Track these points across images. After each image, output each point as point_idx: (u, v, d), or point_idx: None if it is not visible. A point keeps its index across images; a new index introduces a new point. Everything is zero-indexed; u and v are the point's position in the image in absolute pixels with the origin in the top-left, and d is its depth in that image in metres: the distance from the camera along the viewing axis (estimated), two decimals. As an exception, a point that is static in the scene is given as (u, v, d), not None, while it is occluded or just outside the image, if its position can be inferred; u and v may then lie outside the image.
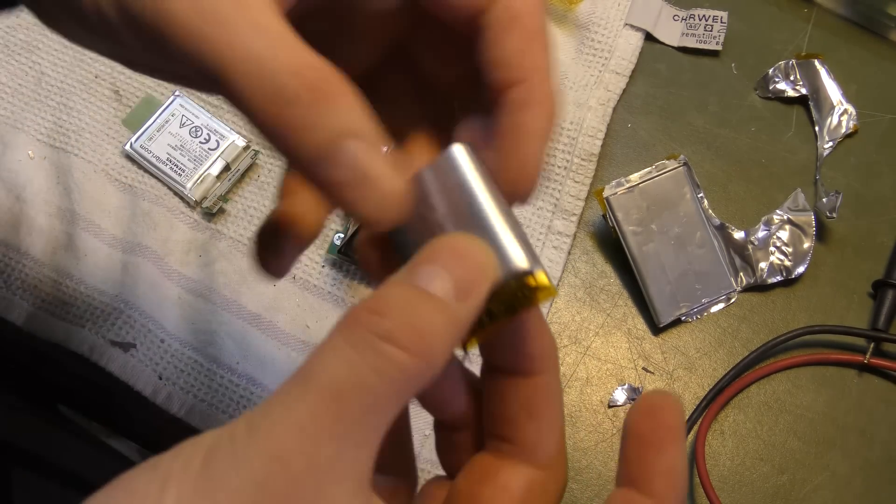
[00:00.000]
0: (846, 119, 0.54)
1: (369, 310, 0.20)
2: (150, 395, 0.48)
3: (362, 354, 0.20)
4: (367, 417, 0.20)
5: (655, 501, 0.24)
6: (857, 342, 0.50)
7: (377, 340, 0.20)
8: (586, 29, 0.55)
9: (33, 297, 0.50)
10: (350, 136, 0.21)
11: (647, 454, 0.24)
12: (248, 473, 0.19)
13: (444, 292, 0.21)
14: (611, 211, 0.50)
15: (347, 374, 0.20)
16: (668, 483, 0.24)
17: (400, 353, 0.20)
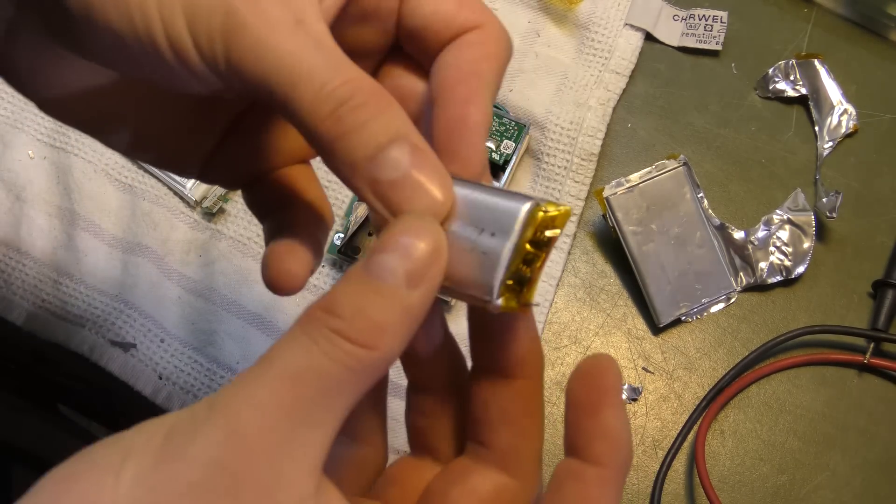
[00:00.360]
0: (846, 119, 0.54)
1: (323, 308, 0.22)
2: (150, 394, 0.48)
3: (319, 344, 0.21)
4: (324, 401, 0.21)
5: (598, 467, 0.24)
6: (857, 342, 0.50)
7: (332, 335, 0.21)
8: (586, 29, 0.55)
9: (33, 297, 0.50)
10: (401, 140, 0.22)
11: (584, 419, 0.24)
12: (206, 447, 0.20)
13: (395, 281, 0.22)
14: (611, 211, 0.50)
15: (306, 360, 0.21)
16: (608, 446, 0.24)
17: (353, 348, 0.21)
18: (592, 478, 0.24)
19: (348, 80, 0.22)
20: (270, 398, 0.21)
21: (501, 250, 0.23)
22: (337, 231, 0.51)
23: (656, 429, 0.49)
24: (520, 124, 0.51)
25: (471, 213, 0.23)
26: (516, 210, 0.23)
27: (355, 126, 0.22)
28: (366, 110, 0.22)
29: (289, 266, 0.28)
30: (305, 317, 0.22)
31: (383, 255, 0.22)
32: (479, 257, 0.23)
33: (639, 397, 0.49)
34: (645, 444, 0.49)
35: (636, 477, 0.48)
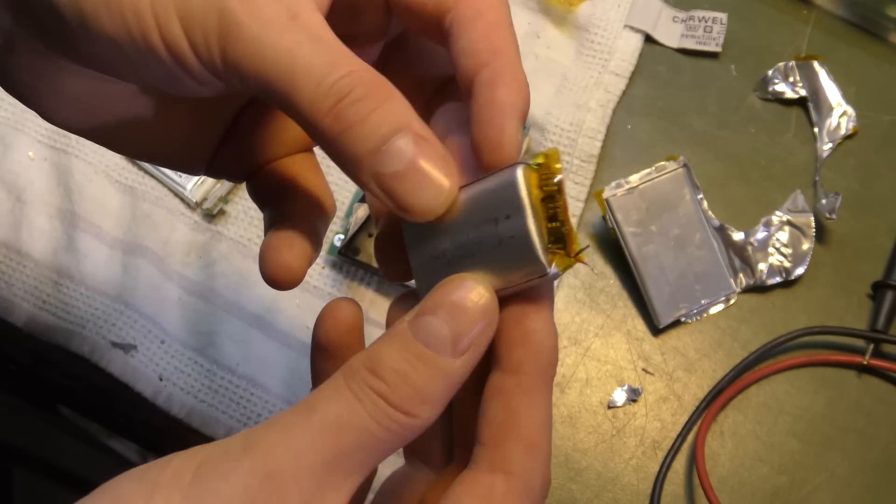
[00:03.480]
0: (845, 120, 0.54)
1: (367, 367, 0.22)
2: (150, 396, 0.48)
3: (363, 403, 0.21)
4: (360, 455, 0.21)
5: (518, 375, 0.24)
6: (857, 343, 0.50)
7: (376, 398, 0.21)
8: (586, 30, 0.55)
9: (34, 299, 0.50)
10: (403, 130, 0.22)
11: (508, 329, 0.24)
12: (240, 487, 0.20)
13: (443, 349, 0.22)
14: (610, 212, 0.50)
15: (348, 415, 0.21)
16: (526, 352, 0.24)
17: (396, 413, 0.21)
18: (514, 388, 0.24)
19: (347, 74, 0.22)
20: (310, 446, 0.21)
21: (524, 224, 0.23)
22: (337, 233, 0.51)
23: (656, 430, 0.49)
24: None
25: (479, 210, 0.23)
26: (512, 181, 0.23)
27: (356, 120, 0.22)
28: (366, 103, 0.22)
29: (286, 259, 0.27)
30: (350, 370, 0.22)
31: (433, 317, 0.22)
32: (511, 244, 0.23)
33: (638, 398, 0.49)
34: (645, 444, 0.49)
35: (636, 478, 0.48)
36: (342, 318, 0.27)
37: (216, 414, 0.48)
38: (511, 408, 0.24)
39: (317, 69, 0.22)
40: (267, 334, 0.50)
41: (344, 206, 0.52)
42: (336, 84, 0.22)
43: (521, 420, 0.24)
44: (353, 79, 0.22)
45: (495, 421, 0.24)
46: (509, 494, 0.23)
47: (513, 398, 0.24)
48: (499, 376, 0.24)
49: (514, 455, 0.23)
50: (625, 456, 0.48)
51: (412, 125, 0.22)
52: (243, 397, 0.49)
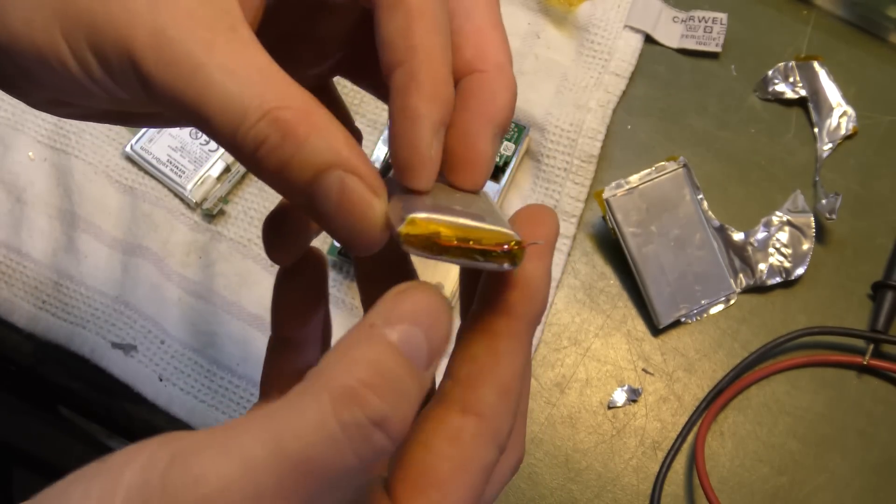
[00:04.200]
0: (845, 121, 0.54)
1: (363, 382, 0.18)
2: (150, 396, 0.48)
3: (352, 439, 0.18)
4: (330, 492, 0.18)
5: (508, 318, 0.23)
6: (857, 343, 0.50)
7: (371, 427, 0.18)
8: (586, 31, 0.55)
9: (34, 299, 0.50)
10: (330, 169, 0.21)
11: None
12: None
13: (420, 363, 0.19)
14: (610, 212, 0.50)
15: (328, 453, 0.18)
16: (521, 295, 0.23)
17: (386, 440, 0.18)
18: (502, 329, 0.23)
19: (263, 116, 0.20)
20: (276, 485, 0.17)
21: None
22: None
23: (656, 430, 0.49)
24: (519, 126, 0.51)
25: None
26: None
27: (278, 166, 0.21)
28: (285, 149, 0.20)
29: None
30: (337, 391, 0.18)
31: (414, 328, 0.19)
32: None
33: (638, 398, 0.49)
34: (645, 445, 0.49)
35: (636, 478, 0.48)
36: None
37: (216, 414, 0.48)
38: (495, 349, 0.22)
39: (231, 113, 0.20)
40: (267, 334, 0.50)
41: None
42: (250, 132, 0.20)
43: (503, 364, 0.22)
44: (266, 123, 0.20)
45: (476, 360, 0.23)
46: (478, 438, 0.22)
47: (499, 340, 0.23)
48: (486, 314, 0.23)
49: (488, 398, 0.22)
50: (625, 456, 0.48)
51: (338, 161, 0.21)
52: (243, 397, 0.49)
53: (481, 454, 0.22)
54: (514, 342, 0.23)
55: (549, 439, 0.49)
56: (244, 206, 0.52)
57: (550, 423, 0.49)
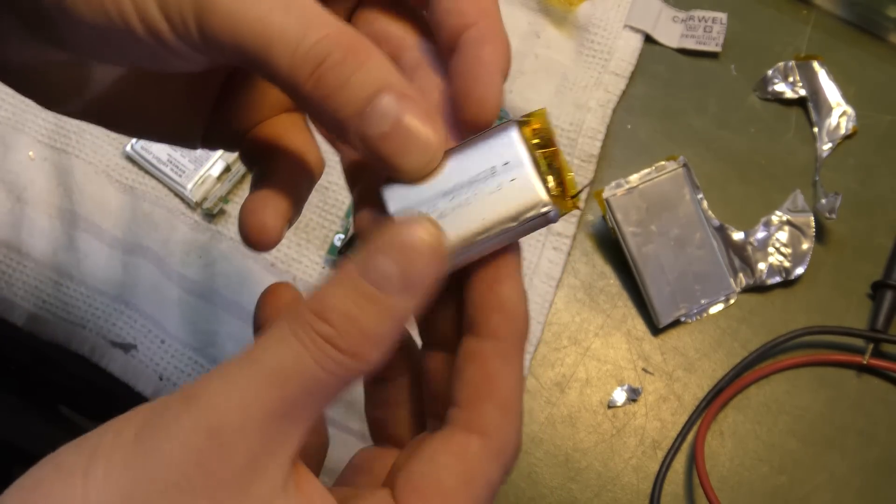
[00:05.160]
0: (845, 120, 0.54)
1: (314, 310, 0.21)
2: (150, 395, 0.48)
3: (308, 348, 0.21)
4: (307, 401, 0.21)
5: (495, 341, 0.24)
6: (856, 343, 0.50)
7: (323, 343, 0.21)
8: (586, 30, 0.55)
9: (34, 298, 0.50)
10: (386, 90, 0.22)
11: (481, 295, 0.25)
12: (184, 445, 0.20)
13: (391, 289, 0.21)
14: (610, 212, 0.50)
15: (294, 363, 0.21)
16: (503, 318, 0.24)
17: (342, 357, 0.21)
18: (490, 352, 0.24)
19: (323, 37, 0.22)
20: (255, 398, 0.20)
21: (525, 166, 0.23)
22: (337, 232, 0.51)
23: (656, 429, 0.49)
24: None
25: (474, 162, 0.24)
26: (508, 132, 0.24)
27: (337, 84, 0.22)
28: (345, 66, 0.22)
29: (261, 218, 0.27)
30: (294, 315, 0.21)
31: (379, 257, 0.21)
32: (511, 186, 0.23)
33: (638, 398, 0.50)
34: (645, 444, 0.49)
35: (636, 477, 0.48)
36: (282, 299, 0.27)
37: (216, 414, 0.48)
38: (488, 371, 0.24)
39: (292, 35, 0.21)
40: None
41: (344, 205, 0.52)
42: (312, 49, 0.21)
43: (498, 383, 0.24)
44: (329, 42, 0.22)
45: (471, 383, 0.24)
46: (483, 453, 0.23)
47: (490, 362, 0.24)
48: (475, 341, 0.24)
49: (489, 416, 0.24)
50: (625, 455, 0.48)
51: (394, 84, 0.22)
52: (243, 397, 0.49)
53: (486, 469, 0.23)
54: (506, 362, 0.24)
55: (549, 438, 0.49)
56: (244, 205, 0.52)
57: (550, 422, 0.49)
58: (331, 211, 0.52)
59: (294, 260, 0.51)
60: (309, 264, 0.51)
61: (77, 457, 0.20)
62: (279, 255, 0.51)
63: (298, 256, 0.51)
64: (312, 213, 0.52)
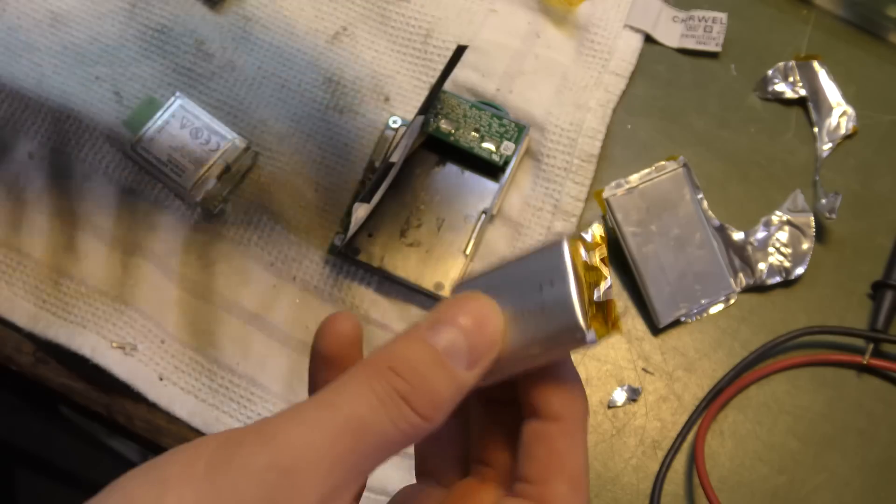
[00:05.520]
0: (845, 120, 0.54)
1: (390, 366, 0.22)
2: (150, 395, 0.48)
3: (385, 405, 0.22)
4: (375, 455, 0.22)
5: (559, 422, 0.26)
6: (857, 343, 0.50)
7: (400, 402, 0.22)
8: (586, 30, 0.55)
9: (34, 298, 0.50)
10: None
11: (538, 380, 0.26)
12: (258, 482, 0.20)
13: (458, 360, 0.23)
14: (610, 212, 0.50)
15: (369, 415, 0.22)
16: (564, 399, 0.26)
17: (414, 417, 0.22)
18: (556, 433, 0.25)
19: None
20: (330, 444, 0.21)
21: (567, 290, 0.24)
22: (338, 232, 0.51)
23: (656, 429, 0.49)
24: (520, 125, 0.51)
25: (522, 284, 0.24)
26: (558, 249, 0.24)
27: None
28: None
29: None
30: (373, 369, 0.23)
31: (451, 328, 0.23)
32: (553, 307, 0.24)
33: (638, 398, 0.50)
34: (645, 444, 0.49)
35: (636, 477, 0.48)
36: (342, 331, 0.27)
37: (216, 413, 0.48)
38: (555, 449, 0.25)
39: None
40: (267, 334, 0.50)
41: (344, 205, 0.52)
42: None
43: (567, 460, 0.25)
44: None
45: (541, 461, 0.25)
46: None
47: (556, 441, 0.25)
48: (540, 424, 0.26)
49: (560, 491, 0.25)
50: (625, 455, 0.48)
51: None
52: (243, 396, 0.49)
53: None
54: (572, 440, 0.26)
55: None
56: (244, 205, 0.52)
57: (550, 422, 0.49)
58: (331, 211, 0.52)
59: (294, 260, 0.51)
60: (309, 264, 0.51)
61: (146, 488, 0.20)
62: (279, 255, 0.51)
63: (298, 256, 0.51)
64: (312, 214, 0.52)
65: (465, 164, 0.51)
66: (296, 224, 0.52)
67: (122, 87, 0.54)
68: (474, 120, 0.51)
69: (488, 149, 0.51)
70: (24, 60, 0.55)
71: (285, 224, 0.52)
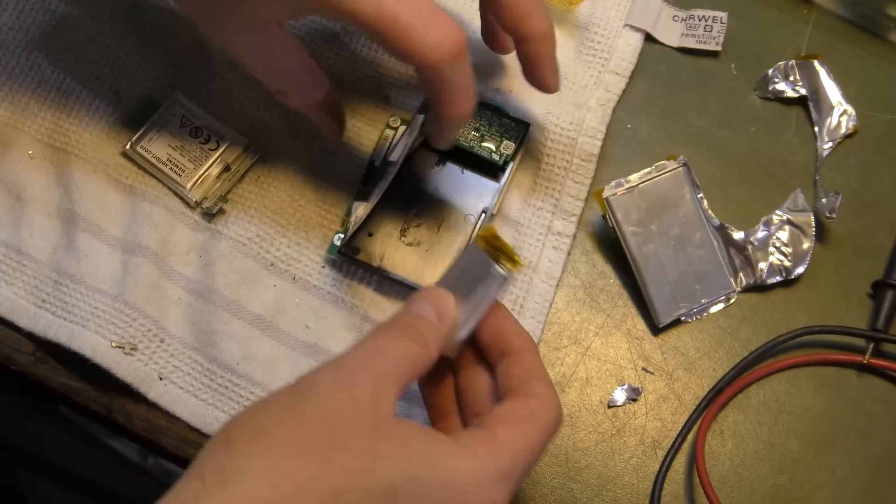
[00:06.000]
0: (846, 120, 0.54)
1: (395, 325, 0.36)
2: (150, 395, 0.48)
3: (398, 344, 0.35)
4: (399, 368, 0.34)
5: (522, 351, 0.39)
6: (857, 342, 0.50)
7: (406, 339, 0.35)
8: (586, 29, 0.55)
9: (34, 298, 0.50)
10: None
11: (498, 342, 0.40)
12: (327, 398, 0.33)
13: (430, 316, 0.37)
14: (610, 211, 0.50)
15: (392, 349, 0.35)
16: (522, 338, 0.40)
17: (415, 346, 0.35)
18: (524, 357, 0.38)
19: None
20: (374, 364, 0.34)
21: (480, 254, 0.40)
22: (337, 232, 0.51)
23: (656, 429, 0.49)
24: (521, 123, 0.51)
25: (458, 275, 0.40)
26: (472, 247, 0.41)
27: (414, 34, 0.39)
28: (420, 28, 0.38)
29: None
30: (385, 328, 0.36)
31: (423, 303, 0.37)
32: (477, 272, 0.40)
33: (638, 397, 0.49)
34: (645, 444, 0.49)
35: (636, 477, 0.48)
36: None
37: (216, 413, 0.48)
38: (526, 365, 0.37)
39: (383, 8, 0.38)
40: (267, 333, 0.50)
41: (344, 205, 0.52)
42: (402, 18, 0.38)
43: (536, 370, 0.37)
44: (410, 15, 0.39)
45: (517, 374, 0.37)
46: (542, 406, 0.35)
47: (526, 360, 0.38)
48: (509, 358, 0.38)
49: (538, 387, 0.36)
50: (625, 455, 0.48)
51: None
52: (243, 396, 0.49)
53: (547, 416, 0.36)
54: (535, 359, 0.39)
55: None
56: (244, 204, 0.52)
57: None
58: (331, 210, 0.52)
59: (294, 259, 0.51)
60: (309, 263, 0.51)
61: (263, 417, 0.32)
62: (279, 255, 0.51)
63: (298, 256, 0.51)
64: (312, 213, 0.52)
65: (465, 164, 0.51)
66: (295, 224, 0.52)
67: (122, 87, 0.54)
68: (474, 119, 0.51)
69: (488, 148, 0.51)
70: (24, 60, 0.55)
71: (285, 224, 0.52)
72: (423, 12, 0.38)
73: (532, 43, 0.44)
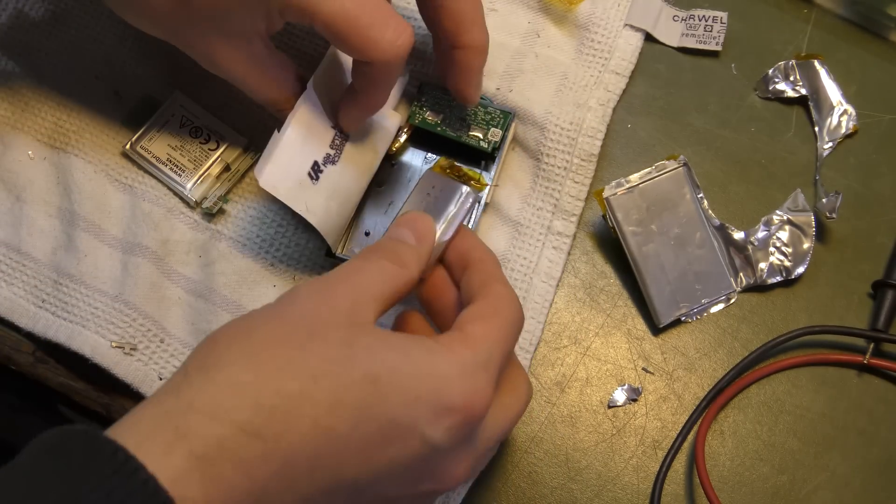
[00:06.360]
0: (846, 119, 0.54)
1: (380, 247, 0.39)
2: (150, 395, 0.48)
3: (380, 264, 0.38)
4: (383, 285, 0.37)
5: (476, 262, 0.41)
6: (857, 342, 0.50)
7: (389, 257, 0.38)
8: (586, 29, 0.55)
9: (34, 298, 0.50)
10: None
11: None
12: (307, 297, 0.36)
13: (409, 239, 0.40)
14: (610, 211, 0.50)
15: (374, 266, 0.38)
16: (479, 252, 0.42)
17: (393, 266, 0.38)
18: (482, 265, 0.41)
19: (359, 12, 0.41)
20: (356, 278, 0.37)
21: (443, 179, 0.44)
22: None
23: (656, 429, 0.49)
24: (504, 112, 0.51)
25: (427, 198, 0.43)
26: (430, 172, 0.45)
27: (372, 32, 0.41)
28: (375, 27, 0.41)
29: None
30: (372, 249, 0.39)
31: (403, 228, 0.40)
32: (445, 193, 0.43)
33: (639, 398, 0.49)
34: (645, 444, 0.49)
35: (636, 477, 0.48)
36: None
37: (216, 413, 0.48)
38: (486, 271, 0.40)
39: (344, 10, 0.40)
40: (267, 334, 0.50)
41: (344, 205, 0.52)
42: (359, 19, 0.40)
43: (495, 273, 0.40)
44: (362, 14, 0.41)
45: (479, 281, 0.39)
46: (503, 303, 0.37)
47: (484, 269, 0.40)
48: (469, 270, 0.40)
49: (497, 288, 0.38)
50: (625, 455, 0.48)
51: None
52: (243, 397, 0.49)
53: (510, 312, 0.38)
54: (494, 265, 0.41)
55: (549, 438, 0.49)
56: (244, 204, 0.52)
57: (550, 422, 0.49)
58: (330, 210, 0.52)
59: (294, 259, 0.51)
60: (308, 264, 0.51)
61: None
62: (279, 255, 0.51)
63: (298, 256, 0.51)
64: (312, 213, 0.52)
65: (454, 155, 0.51)
66: (295, 223, 0.52)
67: (122, 87, 0.54)
68: (459, 109, 0.51)
69: (476, 136, 0.51)
70: (23, 60, 0.55)
71: (285, 224, 0.52)
72: (380, 13, 0.40)
73: (467, 52, 0.46)
